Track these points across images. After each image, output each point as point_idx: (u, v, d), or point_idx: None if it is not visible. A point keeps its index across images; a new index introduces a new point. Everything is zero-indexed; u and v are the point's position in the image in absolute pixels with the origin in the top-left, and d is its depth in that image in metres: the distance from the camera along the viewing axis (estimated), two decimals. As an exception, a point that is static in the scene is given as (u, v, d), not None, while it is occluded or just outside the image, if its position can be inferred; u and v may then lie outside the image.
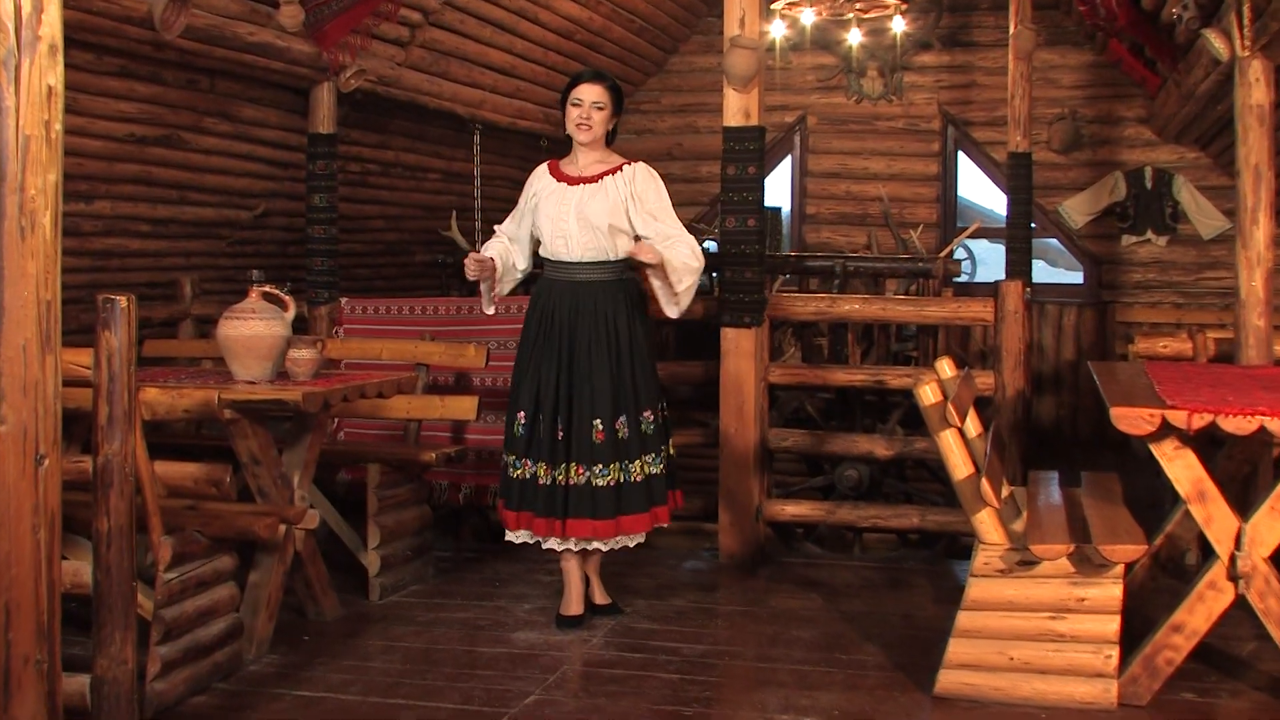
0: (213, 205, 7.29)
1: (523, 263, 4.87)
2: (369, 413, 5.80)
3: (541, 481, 4.67)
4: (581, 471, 4.66)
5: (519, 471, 4.70)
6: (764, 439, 6.04)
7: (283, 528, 4.51)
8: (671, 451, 4.86)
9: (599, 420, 4.66)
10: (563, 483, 4.67)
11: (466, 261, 4.73)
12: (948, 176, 10.71)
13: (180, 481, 4.17)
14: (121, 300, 3.42)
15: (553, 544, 4.74)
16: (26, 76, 2.61)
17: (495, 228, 4.85)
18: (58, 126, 2.59)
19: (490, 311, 4.90)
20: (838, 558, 6.27)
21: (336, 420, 6.43)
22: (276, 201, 7.74)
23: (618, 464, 4.67)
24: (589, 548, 4.77)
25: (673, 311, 4.78)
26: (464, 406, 5.68)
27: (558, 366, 4.69)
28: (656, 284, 4.77)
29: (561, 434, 4.66)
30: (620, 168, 4.79)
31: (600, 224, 4.70)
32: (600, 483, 4.65)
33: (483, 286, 4.85)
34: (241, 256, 7.66)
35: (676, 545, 6.36)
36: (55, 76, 2.66)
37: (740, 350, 5.94)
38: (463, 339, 6.23)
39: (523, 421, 4.69)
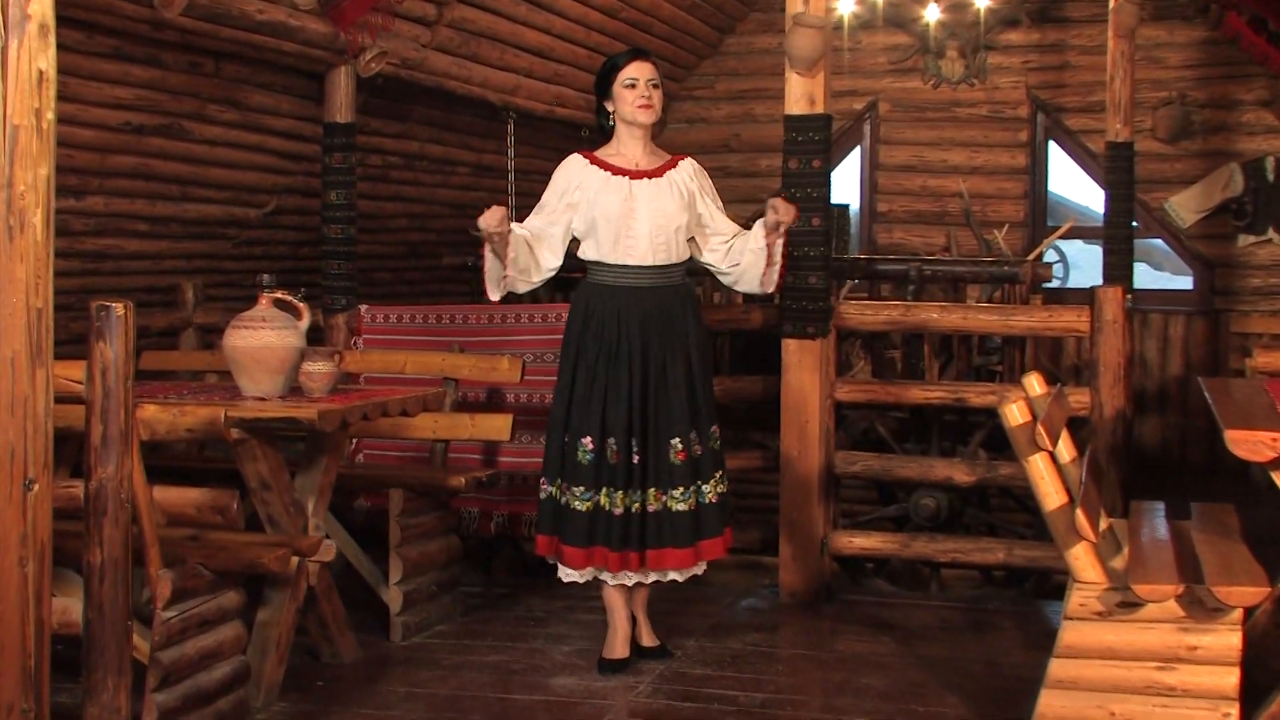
0: (218, 202, 7.35)
1: (553, 260, 4.85)
2: (391, 433, 5.82)
3: (616, 512, 4.67)
4: (660, 496, 4.69)
5: (586, 504, 4.70)
6: (830, 463, 6.01)
7: (295, 560, 4.52)
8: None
9: (677, 439, 4.70)
10: (639, 511, 4.68)
11: (484, 217, 4.61)
12: (1037, 169, 10.64)
13: (181, 509, 4.19)
14: (118, 307, 3.44)
15: (623, 579, 4.75)
16: (14, 60, 2.62)
17: (513, 225, 4.76)
18: (49, 115, 2.60)
19: (496, 297, 4.84)
20: (913, 596, 6.23)
21: (355, 441, 6.46)
22: (288, 198, 7.79)
23: (693, 485, 4.72)
24: (664, 580, 4.79)
25: (770, 285, 4.83)
26: (497, 426, 5.69)
27: (629, 384, 4.69)
28: (750, 259, 4.76)
29: (638, 456, 4.69)
30: (676, 163, 4.83)
31: (677, 223, 4.74)
32: (679, 507, 4.69)
33: (489, 258, 4.73)
34: (250, 259, 7.72)
35: (732, 581, 6.34)
36: (46, 60, 2.67)
37: (803, 364, 5.92)
38: (495, 351, 6.24)
39: (589, 448, 4.69)
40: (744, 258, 4.81)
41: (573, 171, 4.86)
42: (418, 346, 6.49)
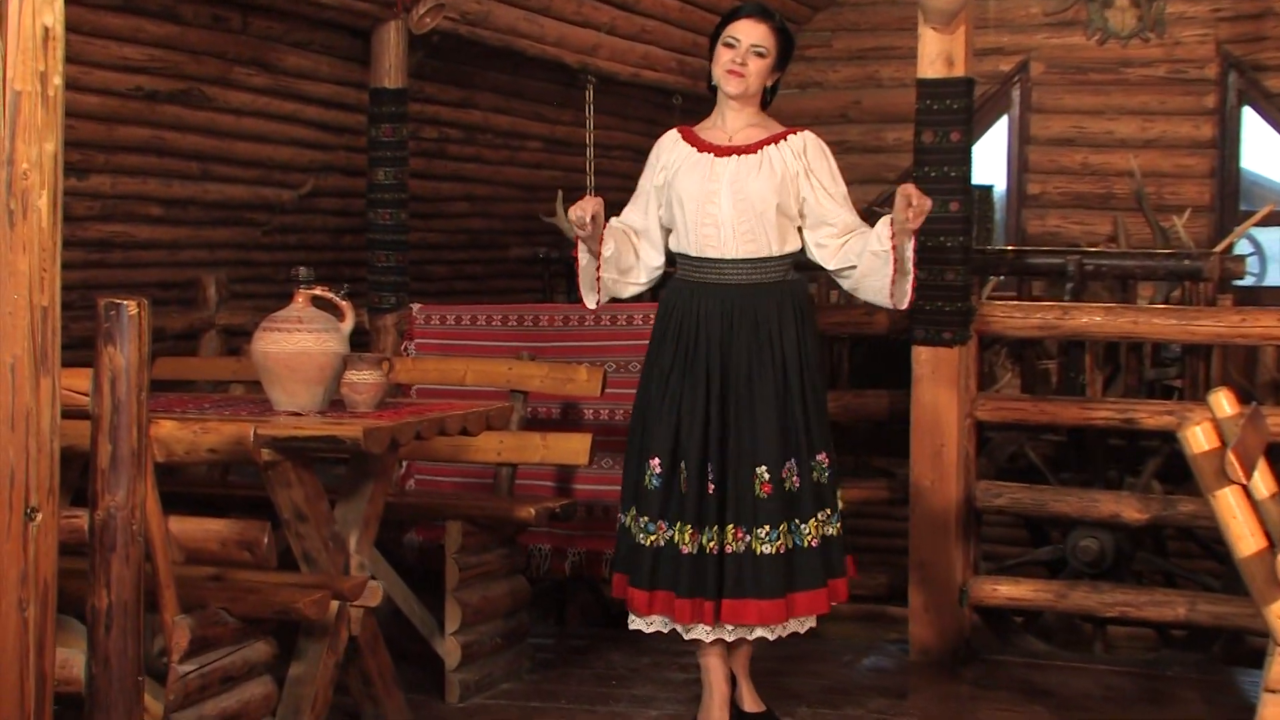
0: (245, 182, 7.44)
1: (656, 258, 4.86)
2: (448, 455, 5.85)
3: (685, 550, 4.65)
4: (741, 535, 4.64)
5: (652, 537, 4.68)
6: (970, 495, 5.97)
7: (335, 605, 4.56)
8: (841, 506, 4.85)
9: (763, 468, 4.64)
10: (714, 551, 4.64)
11: (576, 206, 4.65)
12: (1227, 143, 10.48)
13: (202, 544, 4.24)
14: (130, 305, 3.47)
15: (699, 633, 4.71)
16: (15, 15, 2.64)
17: (610, 221, 4.78)
18: (57, 80, 2.62)
19: (592, 304, 4.87)
20: (1071, 658, 6.16)
21: (406, 464, 6.51)
22: (328, 178, 7.87)
23: (786, 524, 4.65)
24: (749, 637, 4.75)
25: (901, 300, 4.72)
26: (573, 448, 5.70)
27: (706, 397, 4.67)
28: (869, 263, 4.69)
29: (713, 487, 4.64)
30: (784, 136, 4.77)
31: (764, 207, 4.68)
32: (765, 549, 4.63)
33: (583, 258, 4.77)
34: (283, 249, 7.80)
35: (851, 635, 6.32)
36: (53, 14, 2.69)
37: (938, 376, 5.88)
38: (572, 359, 6.26)
39: (657, 471, 4.68)
40: (861, 261, 4.70)
41: (661, 148, 4.89)
42: (480, 353, 6.52)
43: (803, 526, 4.67)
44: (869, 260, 4.67)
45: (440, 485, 6.54)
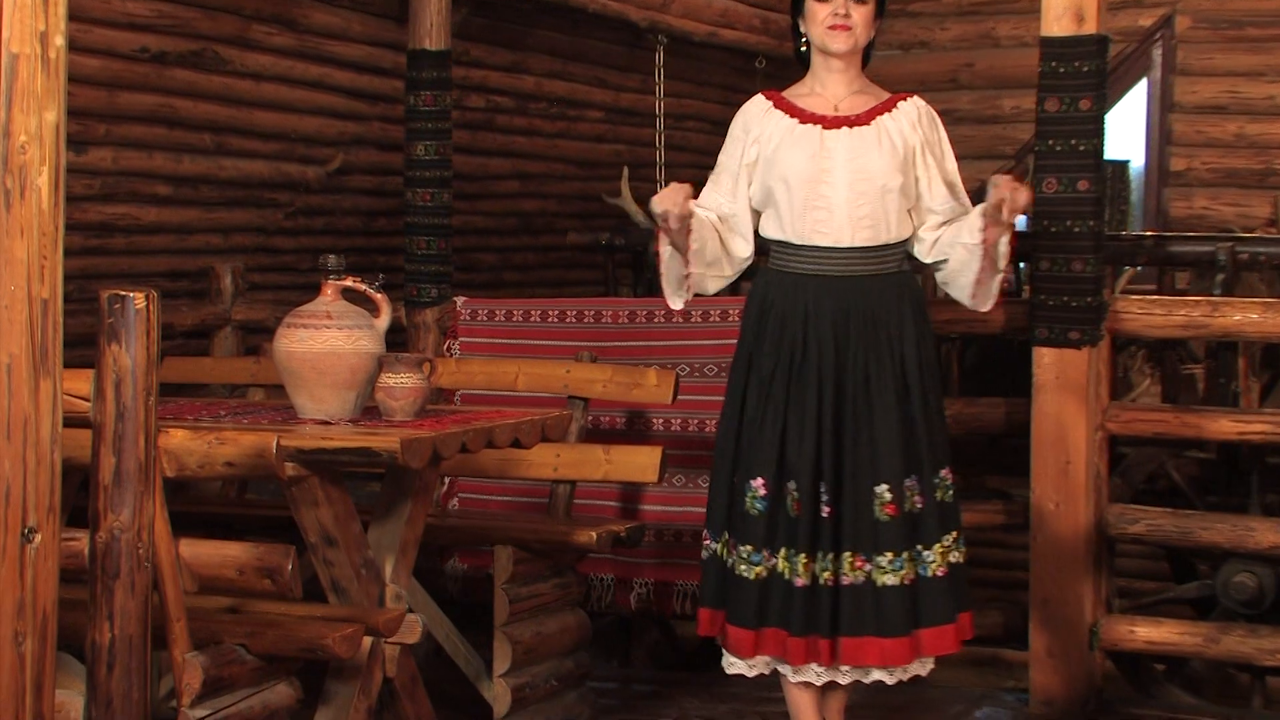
0: (265, 157, 7.48)
1: (744, 248, 4.86)
2: (497, 470, 5.87)
3: (798, 582, 4.64)
4: (861, 564, 4.63)
5: (757, 569, 4.66)
6: (1101, 521, 5.93)
7: (368, 642, 4.58)
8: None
9: (885, 486, 4.64)
10: (830, 582, 4.64)
11: (659, 197, 4.63)
12: None
13: (218, 570, 4.26)
14: (137, 297, 3.50)
15: (809, 675, 4.71)
16: (11, -33, 2.67)
17: (690, 205, 4.75)
18: (59, 41, 2.63)
19: (679, 305, 4.87)
20: (1224, 713, 6.11)
21: (448, 481, 6.54)
22: (360, 152, 7.91)
23: (911, 551, 4.65)
24: (866, 680, 4.74)
25: (984, 302, 4.76)
26: (640, 463, 5.71)
27: (818, 407, 4.65)
28: (960, 257, 4.71)
29: (829, 509, 4.64)
30: (894, 104, 4.76)
31: (885, 188, 4.68)
32: (888, 580, 4.62)
33: (666, 252, 4.76)
34: (308, 234, 7.85)
35: (963, 681, 6.29)
36: (52, -33, 2.72)
37: (1064, 382, 5.86)
38: (640, 360, 6.28)
39: (761, 493, 4.66)
40: (953, 253, 4.71)
41: (751, 119, 4.83)
42: (533, 353, 6.55)
43: (927, 553, 4.66)
44: (959, 253, 4.70)
45: (488, 505, 6.58)
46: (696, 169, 7.63)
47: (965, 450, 6.90)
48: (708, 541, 4.80)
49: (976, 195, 4.85)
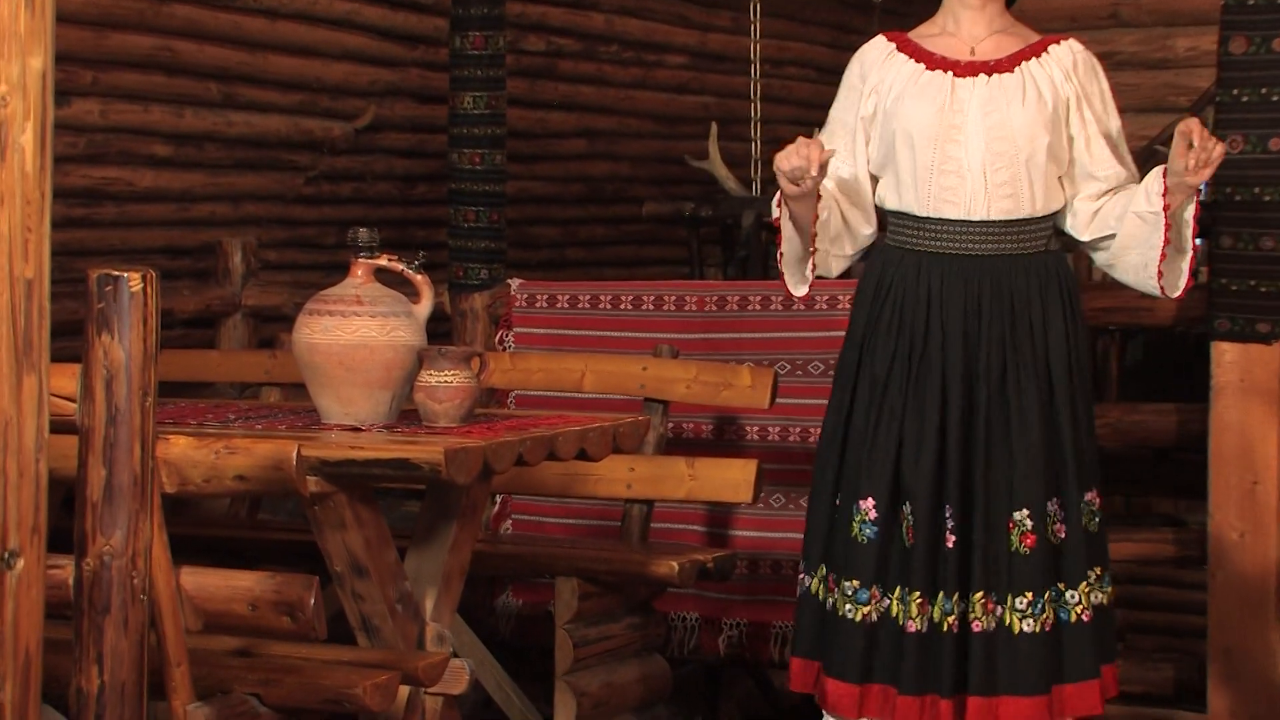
0: (281, 110, 7.51)
1: (865, 221, 4.84)
2: (559, 487, 5.88)
3: (911, 627, 4.61)
4: (992, 607, 4.59)
5: (863, 610, 4.63)
6: (1297, 553, 5.90)
7: (404, 692, 4.59)
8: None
9: (1024, 512, 4.61)
10: (953, 628, 4.61)
11: (788, 152, 4.50)
12: None
13: (226, 605, 4.27)
14: (131, 278, 3.51)
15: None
16: (-14, -117, 2.68)
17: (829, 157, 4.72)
18: None
19: (803, 291, 4.83)
20: None
21: (501, 499, 6.55)
22: (395, 104, 7.93)
23: (1051, 591, 4.62)
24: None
25: (1173, 286, 4.67)
26: (731, 478, 5.71)
27: (941, 414, 4.61)
28: (1130, 229, 4.62)
29: (953, 539, 4.61)
30: (1045, 47, 4.72)
31: (1031, 149, 4.63)
32: (1026, 626, 4.58)
33: (787, 226, 4.69)
34: (333, 203, 7.88)
35: (1123, 749, 6.25)
36: (35, -118, 2.73)
37: (1250, 385, 5.82)
38: (730, 356, 6.28)
39: (870, 517, 4.64)
40: (1122, 226, 4.64)
41: (869, 64, 4.79)
42: (602, 347, 6.56)
43: (1069, 593, 4.63)
44: (1132, 224, 4.62)
45: (547, 529, 6.58)
46: (799, 125, 7.61)
47: (1126, 467, 6.87)
48: (802, 575, 4.78)
49: (1141, 160, 4.81)
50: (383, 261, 4.80)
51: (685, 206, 8.62)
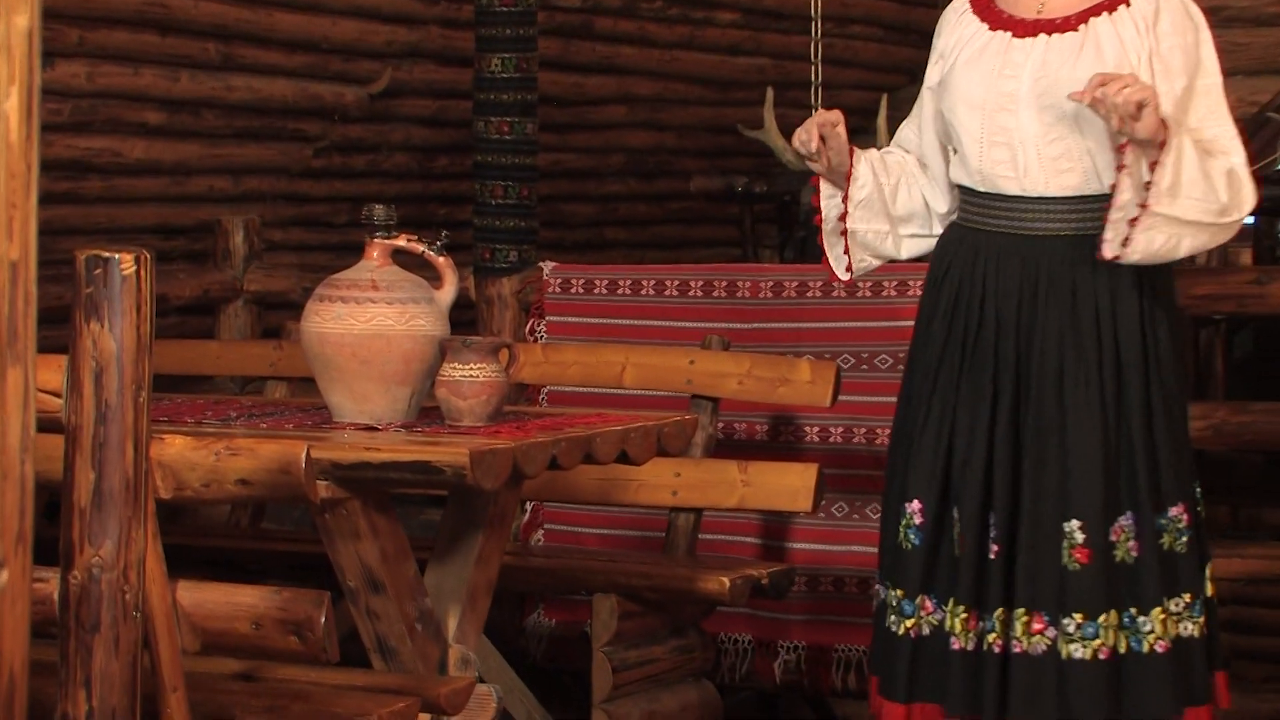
0: (287, 74, 7.52)
1: (941, 199, 4.85)
2: (597, 494, 5.88)
3: (956, 644, 4.63)
4: (1042, 626, 4.60)
5: (909, 622, 4.66)
6: None
7: (425, 719, 4.61)
8: (1211, 591, 4.76)
9: (1077, 523, 4.59)
10: (998, 647, 4.63)
11: (800, 131, 4.63)
12: None
13: (228, 624, 4.28)
14: (123, 259, 3.52)
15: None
16: None
17: (840, 133, 4.70)
18: None
19: (844, 273, 4.84)
20: None
21: (531, 507, 6.56)
22: (414, 67, 7.94)
23: (1117, 614, 4.61)
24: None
25: (1111, 246, 4.56)
26: (788, 484, 5.72)
27: (991, 410, 4.62)
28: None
29: (997, 548, 4.61)
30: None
31: (1088, 114, 4.62)
32: (1078, 652, 4.57)
33: (827, 203, 4.75)
34: (345, 177, 7.89)
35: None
36: None
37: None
38: (787, 348, 6.28)
39: (917, 521, 4.65)
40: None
41: (943, 25, 4.83)
42: (645, 337, 6.56)
43: (1143, 619, 4.60)
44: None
45: (583, 540, 6.59)
46: (865, 90, 7.63)
47: (1233, 474, 6.86)
48: (879, 587, 4.79)
49: (1252, 130, 4.78)
50: (401, 242, 4.81)
51: (738, 181, 8.64)
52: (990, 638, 4.60)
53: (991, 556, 4.60)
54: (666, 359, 6.15)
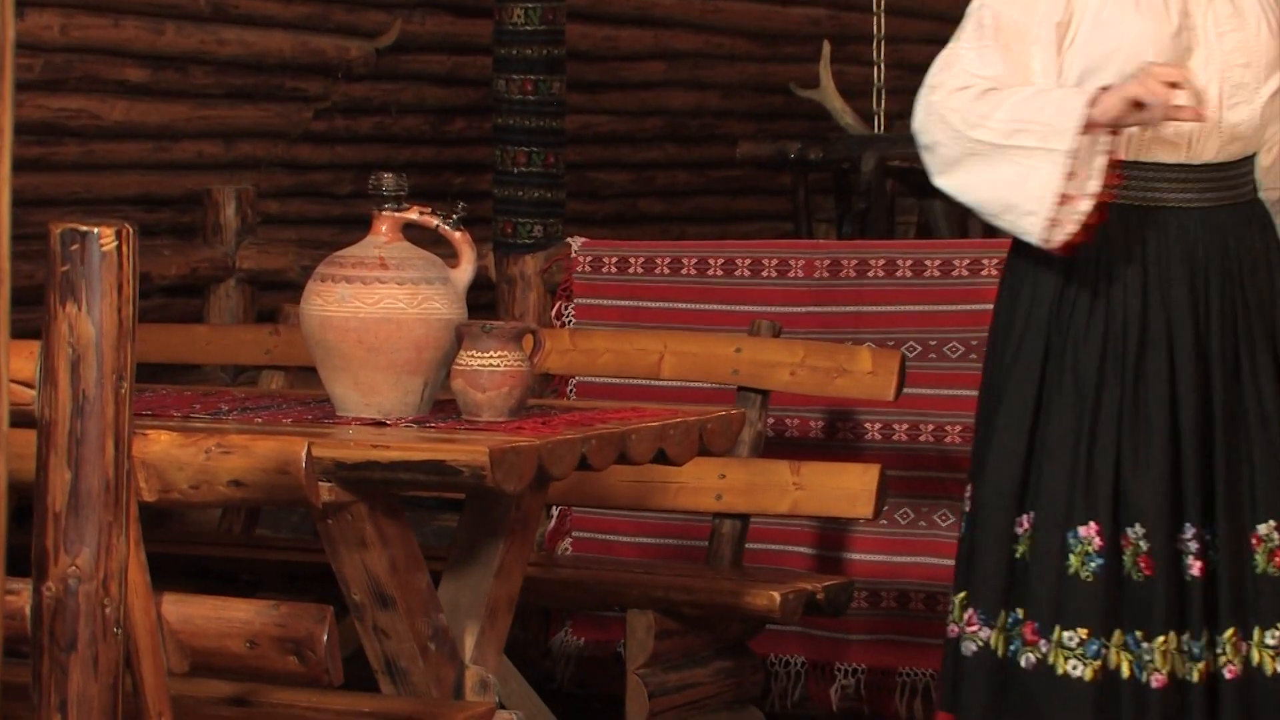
0: (285, 25, 7.53)
1: None
2: (632, 498, 5.90)
3: (1159, 681, 4.60)
4: (1242, 646, 4.61)
5: (1094, 666, 4.63)
6: None
7: (438, 752, 4.62)
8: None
9: (1270, 524, 4.61)
10: (1203, 676, 4.60)
11: (1156, 74, 4.48)
12: None
13: (219, 642, 4.30)
14: (103, 235, 3.54)
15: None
16: None
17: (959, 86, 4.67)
18: None
19: (1059, 242, 4.61)
20: None
21: (558, 512, 6.58)
22: (427, 18, 7.95)
23: None
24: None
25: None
26: (847, 487, 5.72)
27: (1172, 414, 4.62)
28: None
29: (1199, 566, 4.58)
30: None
31: (1270, 72, 4.66)
32: (1275, 666, 4.61)
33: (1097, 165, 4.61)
34: (349, 142, 7.91)
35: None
36: None
37: None
38: (844, 334, 6.30)
39: (1096, 547, 4.60)
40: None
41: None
42: (685, 322, 6.58)
43: None
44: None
45: (616, 549, 6.61)
46: (933, 43, 7.59)
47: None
48: (974, 628, 4.73)
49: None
50: (412, 215, 4.82)
51: (790, 147, 8.62)
52: (1198, 669, 4.57)
53: (1195, 574, 4.58)
54: (709, 347, 6.15)
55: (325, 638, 4.21)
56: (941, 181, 4.70)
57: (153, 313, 6.95)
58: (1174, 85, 4.43)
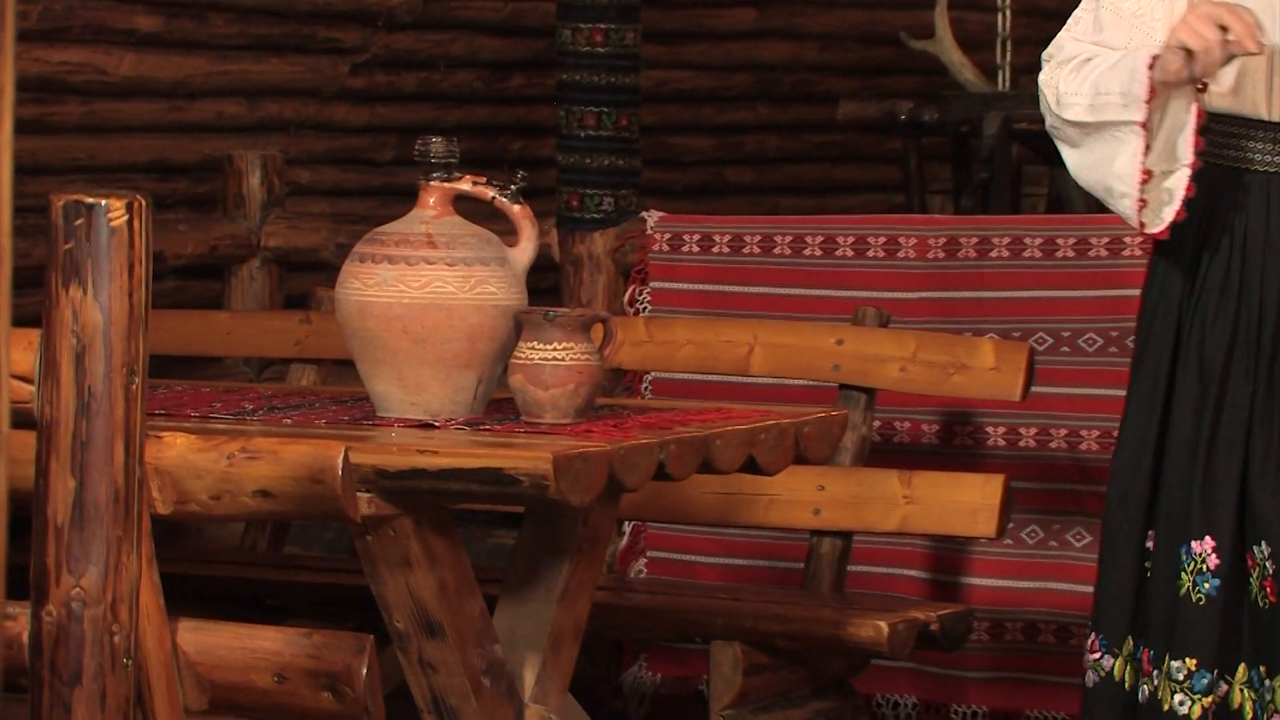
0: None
1: None
2: (715, 512, 5.90)
3: None
4: None
5: (1205, 702, 4.63)
6: None
7: (494, 804, 4.63)
8: None
9: None
10: None
11: (1204, 19, 4.46)
12: None
13: (243, 674, 4.31)
14: (112, 207, 3.55)
15: None
16: None
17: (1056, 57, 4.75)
18: None
19: (1158, 227, 4.65)
20: None
21: (631, 528, 6.58)
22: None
23: None
24: None
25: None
26: (966, 502, 5.72)
27: (1273, 407, 4.64)
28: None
29: (1276, 589, 4.60)
30: None
31: None
32: None
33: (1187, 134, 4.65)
34: (390, 101, 7.93)
35: None
36: None
37: None
38: (965, 324, 6.30)
39: (1211, 565, 4.61)
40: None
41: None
42: (777, 309, 6.58)
43: None
44: None
45: (698, 572, 6.61)
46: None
47: None
48: (1096, 655, 4.75)
49: None
50: (464, 186, 4.83)
51: (900, 107, 8.61)
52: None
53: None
54: (806, 338, 6.16)
55: (364, 671, 4.23)
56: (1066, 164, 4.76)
57: (166, 297, 6.96)
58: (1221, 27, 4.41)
